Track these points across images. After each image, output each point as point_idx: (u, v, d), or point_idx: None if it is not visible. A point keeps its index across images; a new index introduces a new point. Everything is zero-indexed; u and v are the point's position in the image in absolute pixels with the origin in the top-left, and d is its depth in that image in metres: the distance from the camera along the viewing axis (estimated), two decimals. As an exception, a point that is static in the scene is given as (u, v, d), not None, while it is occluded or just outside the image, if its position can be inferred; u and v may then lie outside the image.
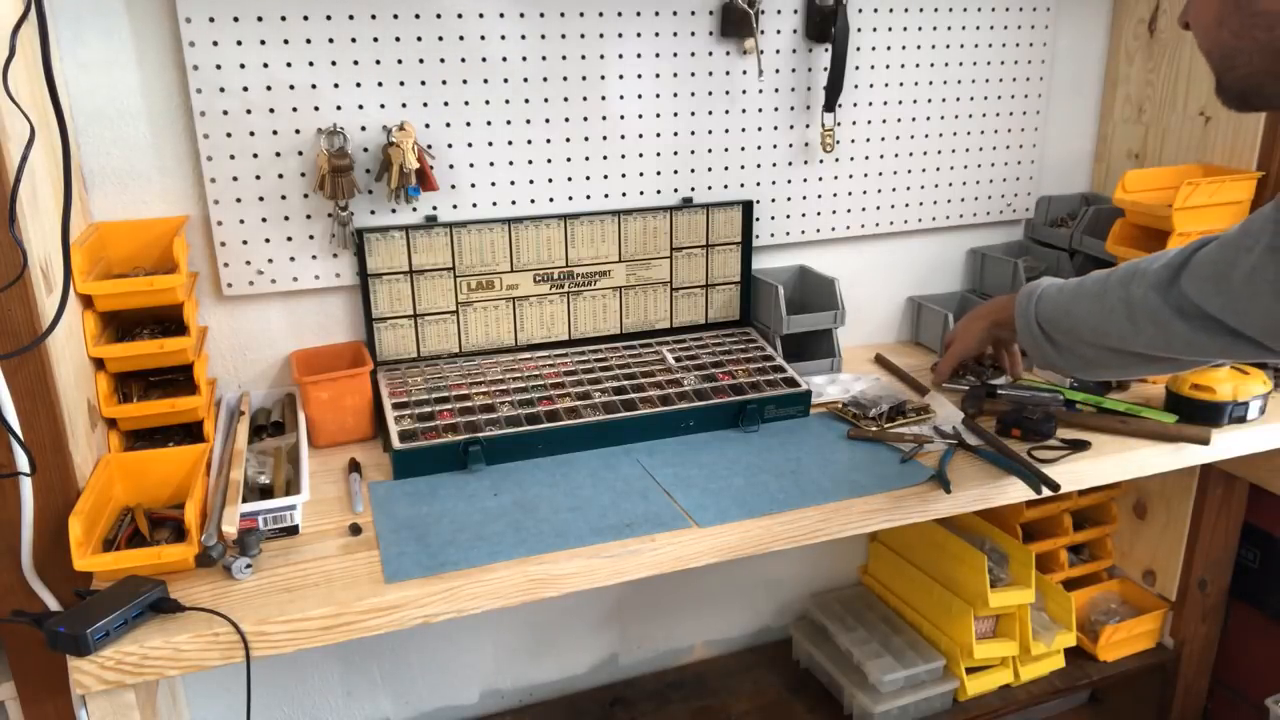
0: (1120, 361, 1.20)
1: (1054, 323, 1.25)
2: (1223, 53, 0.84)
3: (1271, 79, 0.82)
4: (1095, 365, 1.24)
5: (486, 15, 1.48)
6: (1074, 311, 1.22)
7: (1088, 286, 1.21)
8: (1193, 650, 1.95)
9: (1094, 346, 1.21)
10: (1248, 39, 0.80)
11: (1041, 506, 1.87)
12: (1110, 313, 1.15)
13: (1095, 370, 1.27)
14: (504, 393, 1.49)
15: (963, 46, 1.82)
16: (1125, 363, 1.20)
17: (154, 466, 1.21)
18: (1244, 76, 0.83)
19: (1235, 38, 0.81)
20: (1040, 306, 1.27)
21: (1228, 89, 0.86)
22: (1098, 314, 1.17)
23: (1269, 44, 0.79)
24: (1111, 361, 1.21)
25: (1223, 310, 1.02)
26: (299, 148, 1.44)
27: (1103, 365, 1.23)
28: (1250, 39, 0.80)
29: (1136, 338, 1.13)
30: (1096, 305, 1.18)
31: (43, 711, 1.18)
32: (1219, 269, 1.01)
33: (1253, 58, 0.81)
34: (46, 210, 1.11)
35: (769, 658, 2.01)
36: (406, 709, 1.82)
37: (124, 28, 1.33)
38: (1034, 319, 1.28)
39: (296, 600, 1.06)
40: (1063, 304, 1.24)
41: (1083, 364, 1.26)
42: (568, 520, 1.22)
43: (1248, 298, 0.98)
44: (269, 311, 1.52)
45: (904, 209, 1.88)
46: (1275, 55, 0.80)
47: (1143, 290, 1.10)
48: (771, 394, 1.50)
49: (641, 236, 1.66)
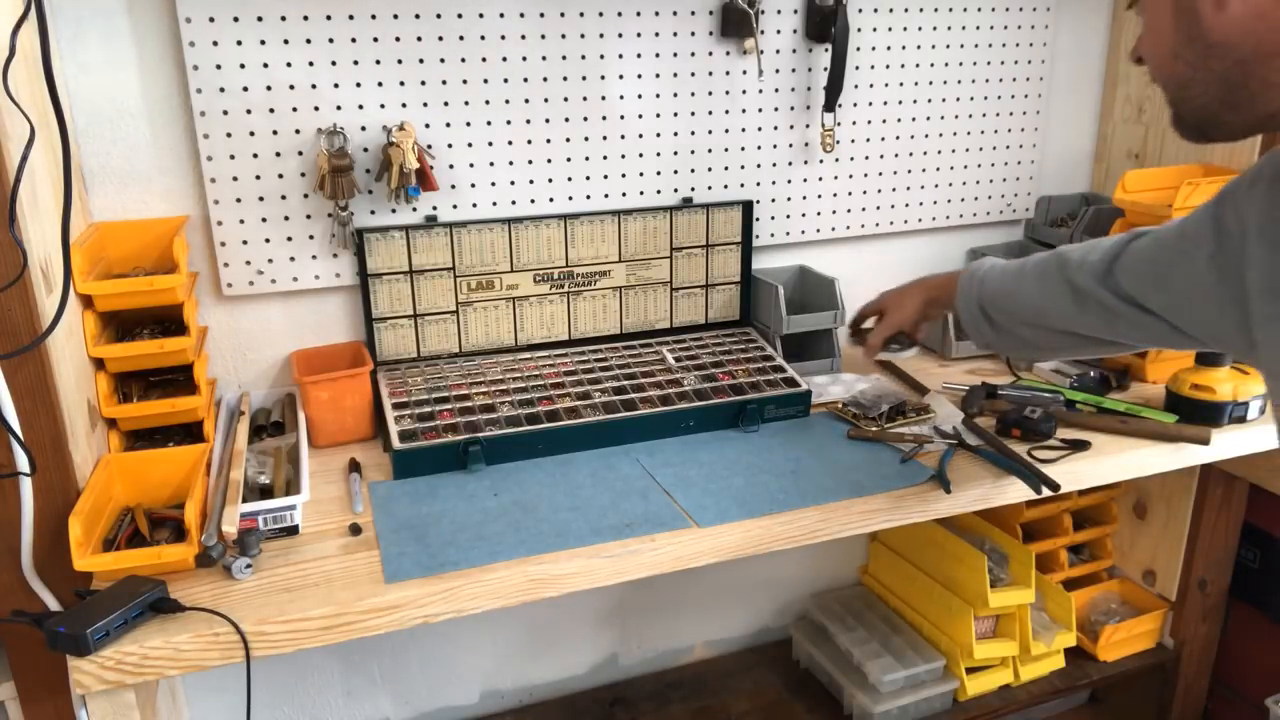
0: (1059, 342, 1.24)
1: (995, 304, 1.29)
2: (1178, 84, 0.85)
3: (1227, 109, 0.82)
4: (1031, 346, 1.28)
5: (486, 15, 1.48)
6: (1017, 293, 1.26)
7: (1029, 269, 1.25)
8: (1193, 650, 1.95)
9: (1033, 327, 1.25)
10: (1202, 70, 0.81)
11: (1041, 506, 1.87)
12: (1054, 296, 1.19)
13: (1031, 351, 1.33)
14: (504, 393, 1.49)
15: (963, 46, 1.82)
16: (1064, 343, 1.24)
17: (154, 466, 1.21)
18: (1200, 108, 0.84)
19: (1190, 69, 0.82)
20: (984, 289, 1.30)
21: (1184, 120, 0.87)
22: (1040, 296, 1.21)
23: (1224, 74, 0.80)
24: (1051, 342, 1.25)
25: (1164, 309, 1.06)
26: (299, 148, 1.44)
27: (1040, 346, 1.28)
28: (1205, 69, 0.81)
29: (1079, 319, 1.17)
30: (1039, 287, 1.22)
31: (43, 711, 1.18)
32: (1158, 269, 1.05)
33: (1208, 88, 0.82)
34: (46, 210, 1.11)
35: (769, 658, 2.01)
36: (406, 709, 1.82)
37: (124, 28, 1.33)
38: (976, 301, 1.31)
39: (296, 600, 1.06)
40: (1006, 286, 1.28)
41: (1017, 344, 1.30)
42: (568, 520, 1.22)
43: (1189, 304, 1.01)
44: (269, 311, 1.52)
45: (904, 209, 1.88)
46: (1230, 86, 0.80)
47: (1084, 278, 1.14)
48: (771, 394, 1.50)
49: (641, 236, 1.66)
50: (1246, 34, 0.77)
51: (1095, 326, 1.16)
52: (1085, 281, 1.14)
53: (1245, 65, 0.78)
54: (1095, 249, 1.16)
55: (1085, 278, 1.14)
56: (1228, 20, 0.77)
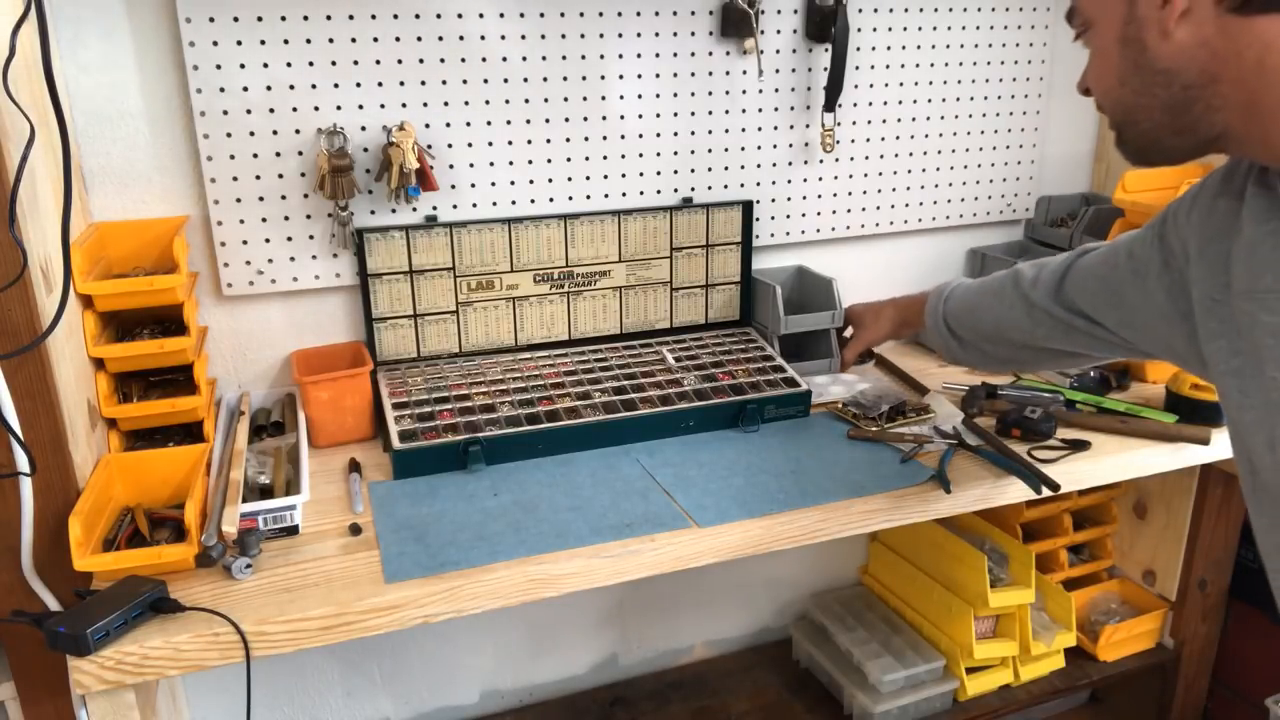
0: (1021, 355, 1.31)
1: (958, 320, 1.38)
2: (1124, 111, 0.87)
3: (1170, 134, 0.84)
4: (995, 359, 1.37)
5: (487, 15, 1.48)
6: (977, 308, 1.34)
7: (988, 286, 1.33)
8: (1193, 650, 1.95)
9: (994, 342, 1.33)
10: (1148, 96, 0.83)
11: (1041, 506, 1.87)
12: (1010, 311, 1.26)
13: (996, 364, 1.41)
14: (504, 393, 1.49)
15: (963, 46, 1.82)
16: (1025, 356, 1.31)
17: (154, 466, 1.21)
18: (1144, 133, 0.86)
19: (1136, 95, 0.84)
20: (948, 305, 1.40)
21: (1128, 144, 0.89)
22: (998, 311, 1.29)
23: (1168, 100, 0.82)
24: (1013, 355, 1.33)
25: (1118, 325, 1.11)
26: (299, 148, 1.44)
27: (1003, 360, 1.36)
28: (1150, 96, 0.83)
29: (1035, 333, 1.24)
30: (996, 303, 1.29)
31: (43, 711, 1.18)
32: (1109, 286, 1.10)
33: (1154, 114, 0.84)
34: (46, 210, 1.11)
35: (769, 658, 2.01)
36: (406, 709, 1.82)
37: (124, 28, 1.33)
38: (942, 317, 1.40)
39: (296, 600, 1.06)
40: (968, 302, 1.37)
41: (981, 358, 1.38)
42: (568, 520, 1.22)
43: (1143, 321, 1.06)
44: (269, 311, 1.52)
45: (904, 209, 1.88)
46: (1174, 112, 0.82)
47: (1038, 294, 1.21)
48: (771, 394, 1.50)
49: (641, 236, 1.66)
50: (1191, 61, 0.79)
51: (1052, 339, 1.22)
52: (1039, 297, 1.21)
53: (1190, 91, 0.80)
54: (1047, 265, 1.22)
55: (1039, 294, 1.21)
56: (1174, 48, 0.79)
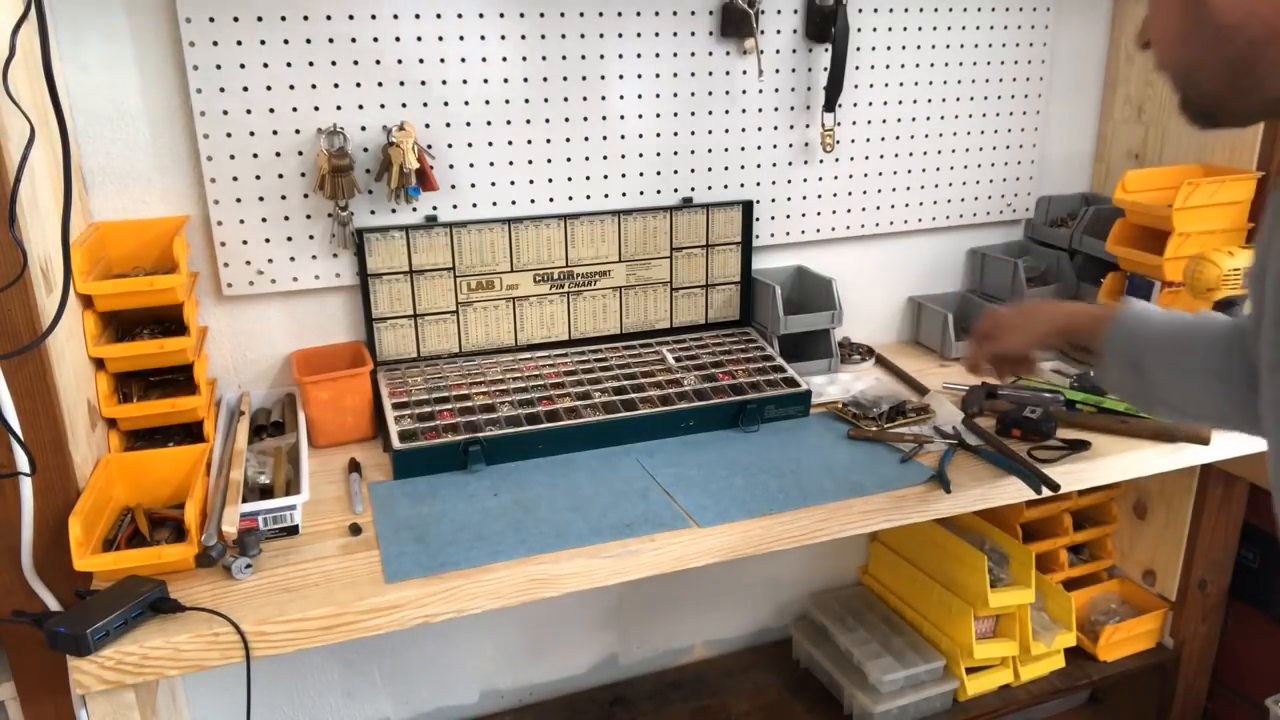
0: (1213, 412, 1.08)
1: (1157, 356, 1.09)
2: (1186, 69, 0.83)
3: (1234, 93, 0.81)
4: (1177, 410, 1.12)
5: (487, 15, 1.48)
6: (1190, 349, 1.07)
7: (1200, 327, 1.07)
8: (1193, 650, 1.95)
9: (1187, 391, 1.08)
10: (1210, 53, 0.80)
11: (1041, 506, 1.87)
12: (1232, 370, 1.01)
13: (1173, 414, 1.18)
14: (504, 393, 1.49)
15: (963, 47, 1.82)
16: (1214, 414, 1.09)
17: (154, 466, 1.21)
18: (1207, 93, 0.83)
19: (1198, 53, 0.81)
20: (1146, 330, 1.11)
21: (1193, 105, 0.85)
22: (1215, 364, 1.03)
23: (1231, 58, 0.79)
24: (1204, 411, 1.09)
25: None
26: (299, 148, 1.44)
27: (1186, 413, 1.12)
28: (1213, 53, 0.80)
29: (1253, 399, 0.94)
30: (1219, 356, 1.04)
31: (43, 711, 1.18)
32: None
33: (1216, 72, 0.81)
34: (46, 210, 1.11)
35: (769, 658, 2.01)
36: (406, 709, 1.82)
37: (124, 28, 1.33)
38: (1136, 346, 1.11)
39: (296, 600, 1.06)
40: (1172, 337, 1.09)
41: (1169, 409, 1.13)
42: (568, 520, 1.22)
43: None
44: (269, 311, 1.52)
45: (904, 209, 1.88)
46: (1237, 70, 0.79)
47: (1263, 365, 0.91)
48: (771, 394, 1.50)
49: (641, 236, 1.66)
50: (1253, 16, 0.76)
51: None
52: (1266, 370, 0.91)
53: (1254, 47, 0.77)
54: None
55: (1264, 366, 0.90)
56: (1236, 2, 0.76)
